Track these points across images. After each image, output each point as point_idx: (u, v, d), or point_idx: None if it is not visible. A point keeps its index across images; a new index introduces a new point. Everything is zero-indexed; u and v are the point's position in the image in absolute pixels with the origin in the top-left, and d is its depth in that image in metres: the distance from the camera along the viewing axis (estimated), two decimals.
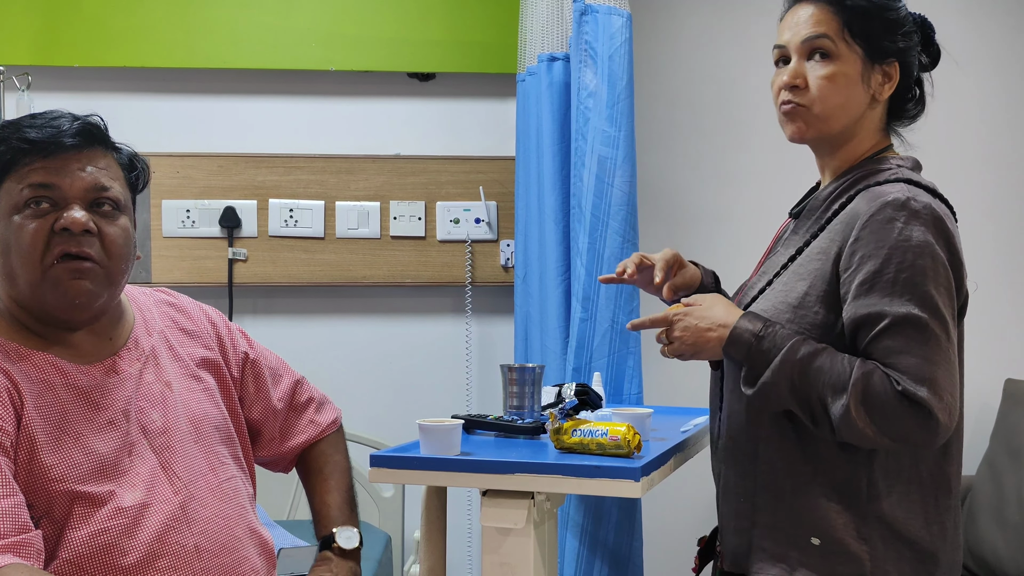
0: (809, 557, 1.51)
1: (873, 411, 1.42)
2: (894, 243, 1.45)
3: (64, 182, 1.44)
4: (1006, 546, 2.71)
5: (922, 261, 1.44)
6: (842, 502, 1.50)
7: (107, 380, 1.49)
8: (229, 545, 1.52)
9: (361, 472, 3.00)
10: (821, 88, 1.55)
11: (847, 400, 1.43)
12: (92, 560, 1.39)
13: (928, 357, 1.42)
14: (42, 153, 1.44)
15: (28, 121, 1.47)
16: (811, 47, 1.56)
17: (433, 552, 1.84)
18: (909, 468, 1.51)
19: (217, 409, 1.64)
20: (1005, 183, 3.17)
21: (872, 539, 1.49)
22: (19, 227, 1.43)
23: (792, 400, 1.49)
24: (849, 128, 1.58)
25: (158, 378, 1.56)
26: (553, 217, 2.72)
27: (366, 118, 3.13)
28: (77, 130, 1.46)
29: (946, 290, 1.46)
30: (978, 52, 3.13)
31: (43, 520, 1.37)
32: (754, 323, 1.53)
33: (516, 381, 1.90)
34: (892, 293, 1.44)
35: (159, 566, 1.43)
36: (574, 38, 2.64)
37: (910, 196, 1.47)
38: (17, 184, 1.44)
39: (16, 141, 1.44)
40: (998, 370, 3.07)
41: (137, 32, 3.01)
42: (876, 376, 1.43)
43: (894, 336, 1.43)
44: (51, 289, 1.44)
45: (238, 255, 3.04)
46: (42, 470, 1.38)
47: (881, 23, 1.57)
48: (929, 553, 1.51)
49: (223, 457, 1.60)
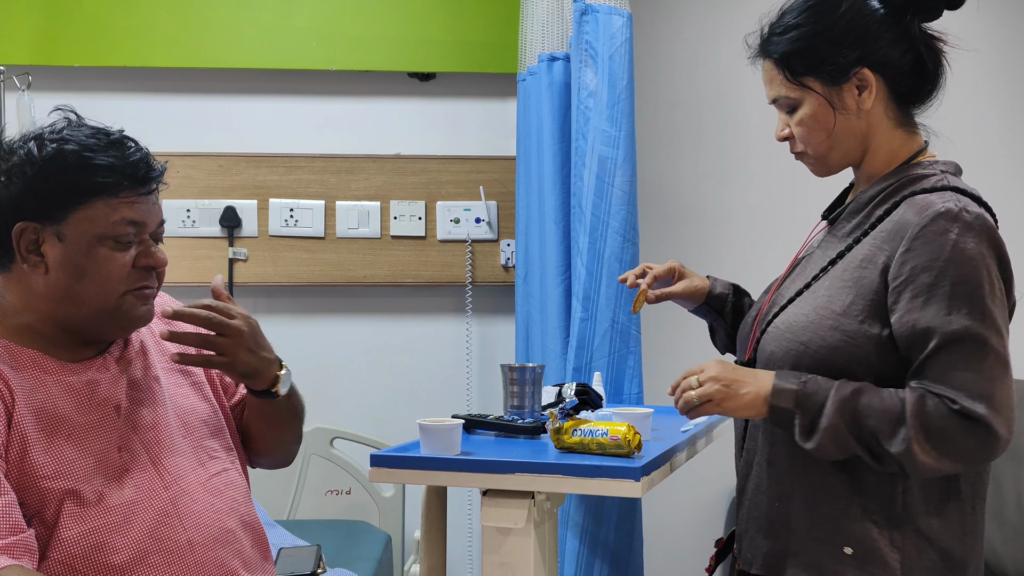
0: (842, 566, 1.49)
1: (933, 437, 1.40)
2: (949, 255, 1.42)
3: (148, 220, 1.49)
4: (1006, 546, 2.71)
5: (978, 275, 1.41)
6: (878, 513, 1.48)
7: (97, 376, 1.49)
8: (221, 538, 1.52)
9: (361, 472, 3.01)
10: (801, 136, 1.57)
11: (907, 432, 1.40)
12: (84, 560, 1.38)
13: (985, 372, 1.40)
14: (138, 190, 1.47)
15: (109, 145, 1.47)
16: (778, 106, 1.60)
17: (433, 552, 1.84)
18: (949, 481, 1.49)
19: (206, 402, 1.64)
20: (1006, 183, 3.17)
21: (906, 548, 1.47)
22: (107, 258, 1.45)
23: (852, 440, 1.44)
24: (856, 146, 1.57)
25: (146, 374, 1.56)
26: (553, 217, 2.72)
27: (366, 118, 3.13)
28: (160, 171, 1.51)
29: (1000, 302, 1.44)
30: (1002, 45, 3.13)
31: (34, 519, 1.37)
32: (791, 376, 1.49)
33: (516, 381, 1.90)
34: (950, 307, 1.41)
35: (151, 562, 1.42)
36: (574, 38, 2.64)
37: (962, 207, 1.44)
38: (109, 214, 1.45)
39: (118, 165, 1.45)
40: None
41: (137, 32, 3.01)
42: (930, 402, 1.41)
43: (952, 352, 1.41)
44: (120, 316, 1.48)
45: (238, 255, 3.04)
46: (33, 468, 1.38)
47: (823, 50, 1.53)
48: (959, 562, 1.49)
49: (213, 451, 1.60)
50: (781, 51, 1.55)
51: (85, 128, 1.48)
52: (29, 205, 1.42)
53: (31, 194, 1.42)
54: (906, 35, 1.53)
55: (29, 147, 1.44)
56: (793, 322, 1.54)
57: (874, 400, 1.43)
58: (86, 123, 1.50)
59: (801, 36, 1.54)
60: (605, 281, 2.51)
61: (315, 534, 2.64)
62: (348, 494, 3.02)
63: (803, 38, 1.53)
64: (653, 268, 1.93)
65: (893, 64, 1.53)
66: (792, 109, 1.57)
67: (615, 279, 2.50)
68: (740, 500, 1.66)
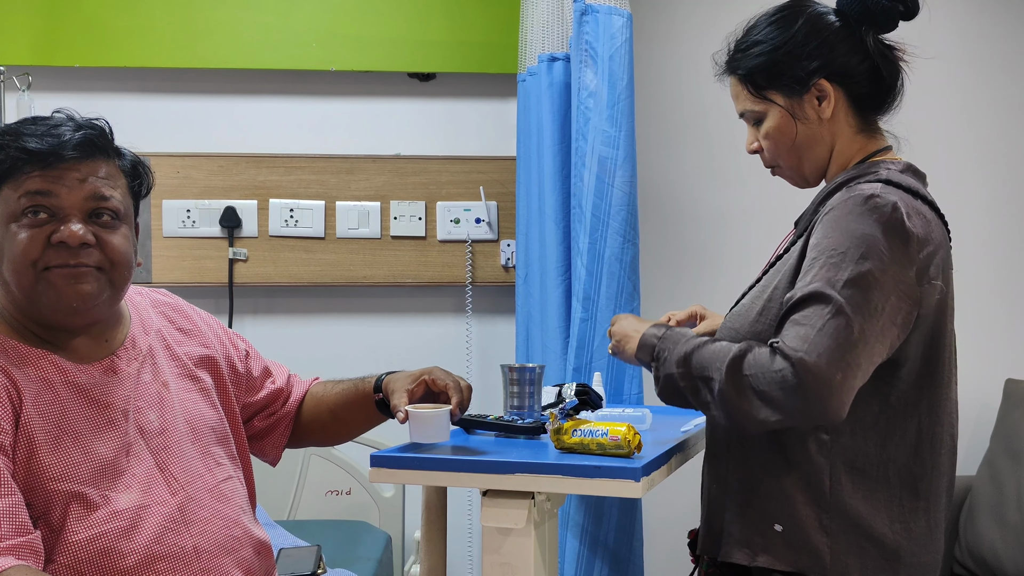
0: (772, 544, 1.53)
1: (743, 379, 1.42)
2: (841, 233, 1.45)
3: (62, 192, 1.42)
4: (1006, 546, 2.71)
5: (856, 250, 1.43)
6: (807, 493, 1.51)
7: (106, 379, 1.49)
8: (227, 545, 1.52)
9: (361, 472, 3.01)
10: (768, 148, 1.66)
11: (722, 375, 1.44)
12: (90, 564, 1.38)
13: (823, 330, 1.38)
14: (41, 164, 1.42)
15: (29, 128, 1.45)
16: (746, 119, 1.67)
17: (433, 552, 1.84)
18: (877, 467, 1.51)
19: (213, 409, 1.64)
20: (1004, 183, 3.17)
21: (834, 532, 1.50)
22: (13, 235, 1.41)
23: (684, 386, 1.51)
24: (823, 154, 1.63)
25: (155, 378, 1.56)
26: (553, 217, 2.72)
27: (366, 118, 3.13)
28: (79, 141, 1.44)
29: (879, 286, 1.42)
30: (978, 48, 3.13)
31: (40, 522, 1.37)
32: (656, 328, 1.62)
33: (516, 381, 1.90)
34: (816, 275, 1.43)
35: (158, 568, 1.42)
36: (574, 38, 2.64)
37: (877, 193, 1.47)
38: (14, 192, 1.42)
39: (15, 150, 1.42)
40: (998, 370, 3.07)
41: (137, 32, 3.01)
42: (756, 349, 1.44)
43: (798, 308, 1.43)
44: (45, 294, 1.43)
45: (238, 255, 3.04)
46: (41, 469, 1.37)
47: (783, 63, 1.60)
48: (892, 550, 1.51)
49: (219, 458, 1.60)
50: (745, 66, 1.64)
51: (46, 120, 1.46)
52: None
53: None
54: (862, 46, 1.59)
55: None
56: (734, 312, 1.63)
57: (710, 350, 1.49)
58: (60, 115, 1.48)
59: (763, 52, 1.62)
60: (605, 281, 2.52)
61: (315, 534, 2.64)
62: (348, 494, 3.02)
63: (765, 53, 1.62)
64: (676, 314, 2.03)
65: (850, 74, 1.59)
66: (758, 122, 1.65)
67: (615, 279, 2.51)
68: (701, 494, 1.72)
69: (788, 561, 1.52)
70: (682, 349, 1.53)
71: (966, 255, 3.13)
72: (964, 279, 3.14)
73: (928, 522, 1.55)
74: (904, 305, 1.45)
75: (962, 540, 2.85)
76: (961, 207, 3.09)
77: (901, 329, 1.47)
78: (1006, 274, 3.16)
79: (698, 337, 1.55)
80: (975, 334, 3.09)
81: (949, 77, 3.07)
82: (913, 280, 1.46)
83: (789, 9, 1.64)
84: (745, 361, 1.43)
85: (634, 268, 2.55)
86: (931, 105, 3.05)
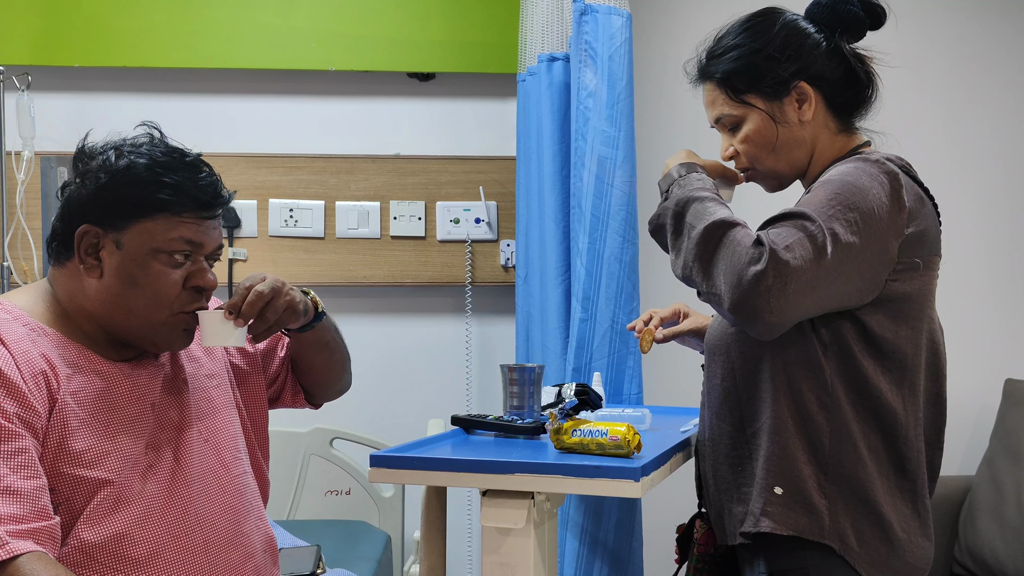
0: (772, 506, 1.53)
1: (715, 240, 1.46)
2: (841, 182, 1.49)
3: (207, 242, 1.54)
4: (1005, 546, 2.71)
5: (853, 198, 1.46)
6: (807, 453, 1.52)
7: (136, 373, 1.54)
8: (236, 541, 1.56)
9: (361, 472, 3.01)
10: (745, 153, 1.66)
11: (702, 228, 1.48)
12: (103, 549, 1.42)
13: (801, 235, 1.41)
14: (201, 213, 1.51)
15: (182, 167, 1.52)
16: (721, 126, 1.68)
17: (433, 552, 1.84)
18: (867, 437, 1.53)
19: (232, 408, 1.68)
20: (1003, 182, 3.17)
21: (832, 495, 1.52)
22: (160, 272, 1.49)
23: (672, 225, 1.55)
24: (803, 156, 1.64)
25: (178, 376, 1.61)
26: (553, 217, 2.72)
27: (366, 118, 3.13)
28: (227, 199, 1.57)
29: (864, 231, 1.44)
30: (976, 49, 3.13)
31: (61, 508, 1.40)
32: (685, 167, 1.64)
33: (516, 381, 1.90)
34: (809, 203, 1.47)
35: (167, 559, 1.46)
36: (574, 38, 2.64)
37: (881, 159, 1.53)
38: (169, 230, 1.49)
39: (179, 191, 1.49)
40: (998, 370, 3.07)
41: (137, 32, 3.01)
42: (747, 228, 1.47)
43: (791, 218, 1.45)
44: (168, 332, 1.52)
45: (238, 255, 3.04)
46: (70, 456, 1.41)
47: (762, 67, 1.61)
48: (887, 521, 1.52)
49: (236, 453, 1.64)
50: (722, 71, 1.64)
51: (164, 146, 1.54)
52: (96, 210, 1.48)
53: (99, 200, 1.48)
54: (837, 50, 1.62)
55: (108, 155, 1.50)
56: None
57: (711, 207, 1.53)
58: (166, 141, 1.56)
59: (741, 55, 1.63)
60: (605, 281, 2.51)
61: (315, 534, 2.64)
62: (348, 494, 3.02)
63: (743, 57, 1.63)
64: (658, 312, 2.06)
65: (828, 76, 1.62)
66: (735, 127, 1.66)
67: (615, 279, 2.50)
68: (704, 486, 1.71)
69: (788, 523, 1.52)
70: (689, 193, 1.57)
71: (966, 255, 3.14)
72: (964, 279, 3.16)
73: (919, 508, 1.56)
74: (877, 266, 1.48)
75: (962, 540, 2.84)
76: (960, 208, 3.10)
77: (866, 285, 1.48)
78: (1006, 274, 3.16)
79: (712, 193, 1.57)
80: (975, 334, 3.09)
81: (942, 81, 3.07)
82: (894, 251, 1.49)
83: (763, 16, 1.66)
84: (730, 232, 1.46)
85: (633, 268, 2.55)
86: (931, 105, 3.05)
